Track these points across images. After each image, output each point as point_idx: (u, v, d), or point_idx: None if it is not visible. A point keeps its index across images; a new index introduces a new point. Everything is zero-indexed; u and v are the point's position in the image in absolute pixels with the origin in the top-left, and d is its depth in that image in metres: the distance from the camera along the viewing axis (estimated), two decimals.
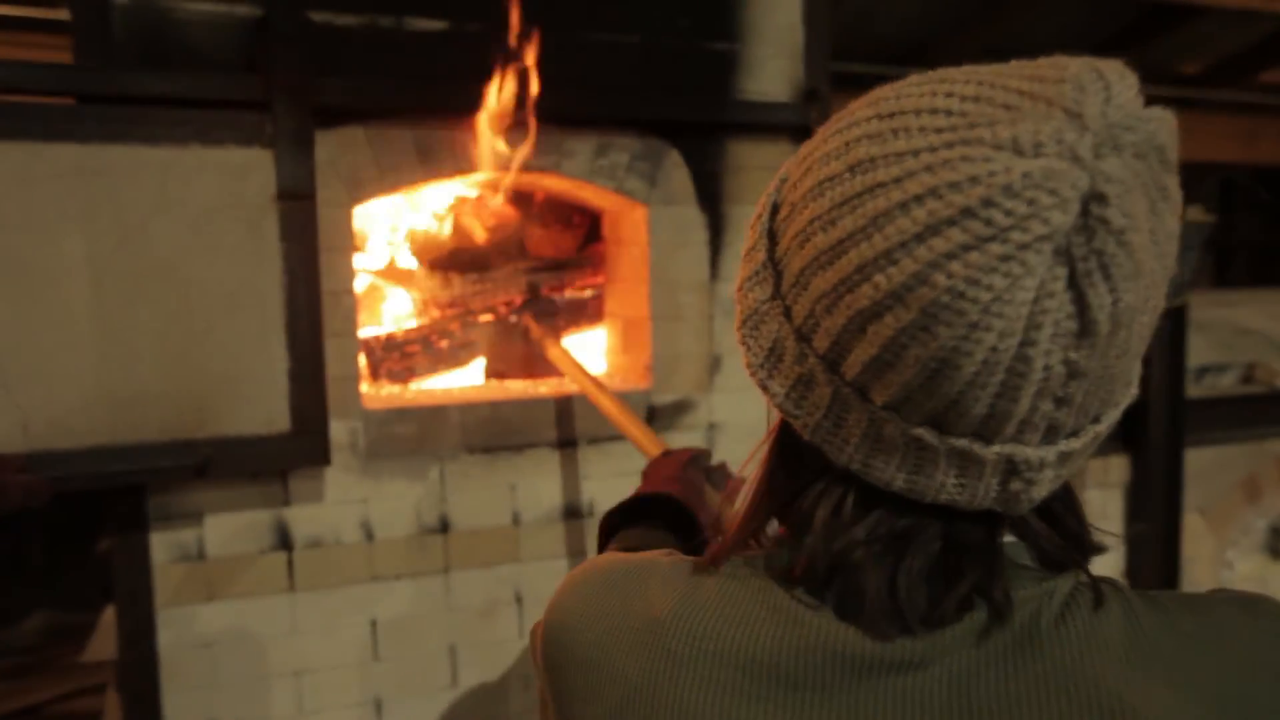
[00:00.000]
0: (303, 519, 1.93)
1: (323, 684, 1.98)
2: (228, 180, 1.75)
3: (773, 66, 2.25)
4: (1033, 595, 0.53)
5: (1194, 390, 3.01)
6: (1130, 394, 0.52)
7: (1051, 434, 0.49)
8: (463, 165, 2.00)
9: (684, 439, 2.24)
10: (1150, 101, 0.46)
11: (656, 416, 2.21)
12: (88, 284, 1.68)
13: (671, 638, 0.56)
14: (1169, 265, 0.48)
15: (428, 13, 1.94)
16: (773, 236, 0.55)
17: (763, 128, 2.23)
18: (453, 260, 2.44)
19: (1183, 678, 0.50)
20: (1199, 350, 3.06)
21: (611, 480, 2.18)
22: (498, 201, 2.40)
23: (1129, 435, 2.82)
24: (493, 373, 2.39)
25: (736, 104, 2.21)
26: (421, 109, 1.94)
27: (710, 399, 2.26)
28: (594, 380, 1.94)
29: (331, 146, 1.88)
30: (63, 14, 1.85)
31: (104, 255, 1.69)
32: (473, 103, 1.93)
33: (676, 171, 2.18)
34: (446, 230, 2.43)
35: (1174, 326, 2.76)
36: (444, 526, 2.05)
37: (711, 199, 2.22)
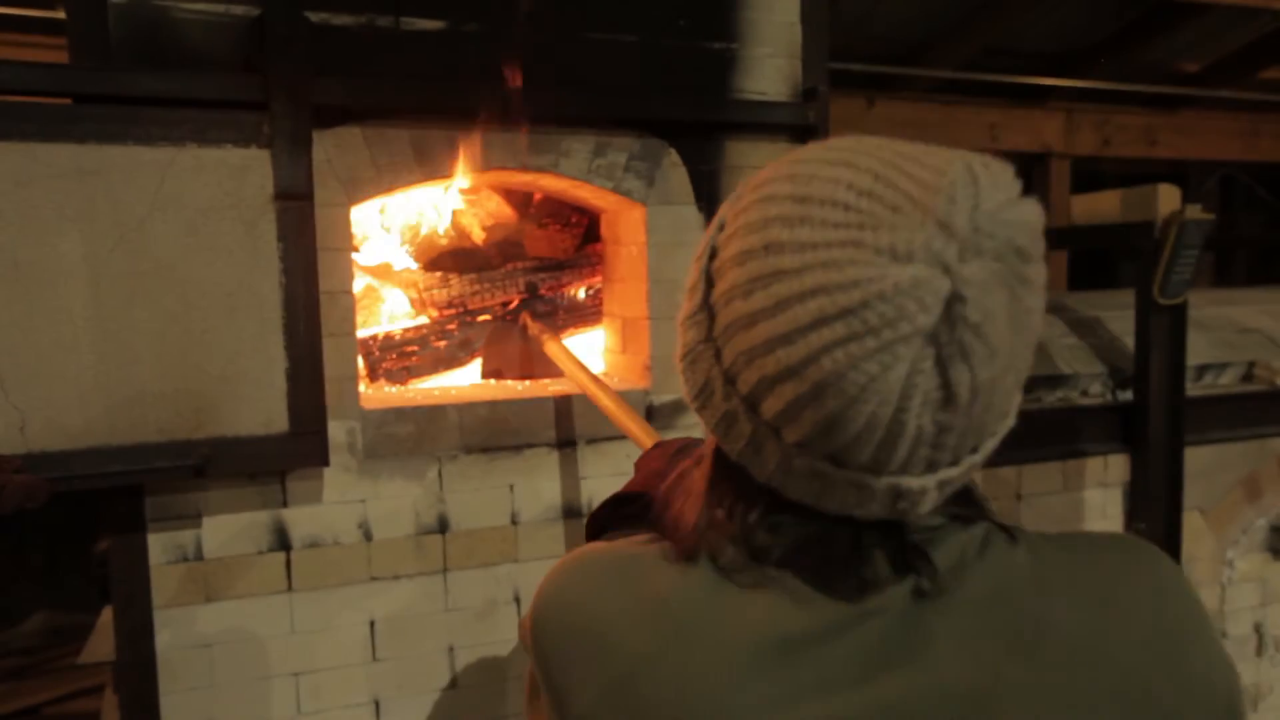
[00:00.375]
0: (301, 519, 1.93)
1: (321, 684, 1.98)
2: (225, 180, 1.76)
3: (771, 66, 2.25)
4: (958, 540, 0.63)
5: (1194, 389, 3.01)
6: (1006, 424, 0.62)
7: (931, 467, 0.58)
8: (460, 165, 1.99)
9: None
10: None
11: (655, 416, 2.21)
12: (85, 284, 1.68)
13: (676, 611, 0.64)
14: (1032, 334, 0.58)
15: (425, 12, 1.94)
16: (710, 280, 0.63)
17: (761, 127, 2.23)
18: (450, 260, 2.44)
19: (1078, 594, 0.63)
20: (1199, 349, 3.05)
21: (610, 480, 2.18)
22: (495, 202, 2.39)
23: (1129, 434, 2.81)
24: (490, 372, 2.38)
25: (734, 103, 2.20)
26: (419, 109, 1.94)
27: None
28: (591, 376, 1.94)
29: (328, 147, 1.88)
30: (62, 14, 1.84)
31: (101, 255, 1.69)
32: (469, 103, 1.93)
33: (674, 171, 2.18)
34: (444, 230, 2.43)
35: (1174, 325, 2.76)
36: (442, 526, 2.05)
37: (710, 199, 2.21)
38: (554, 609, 0.71)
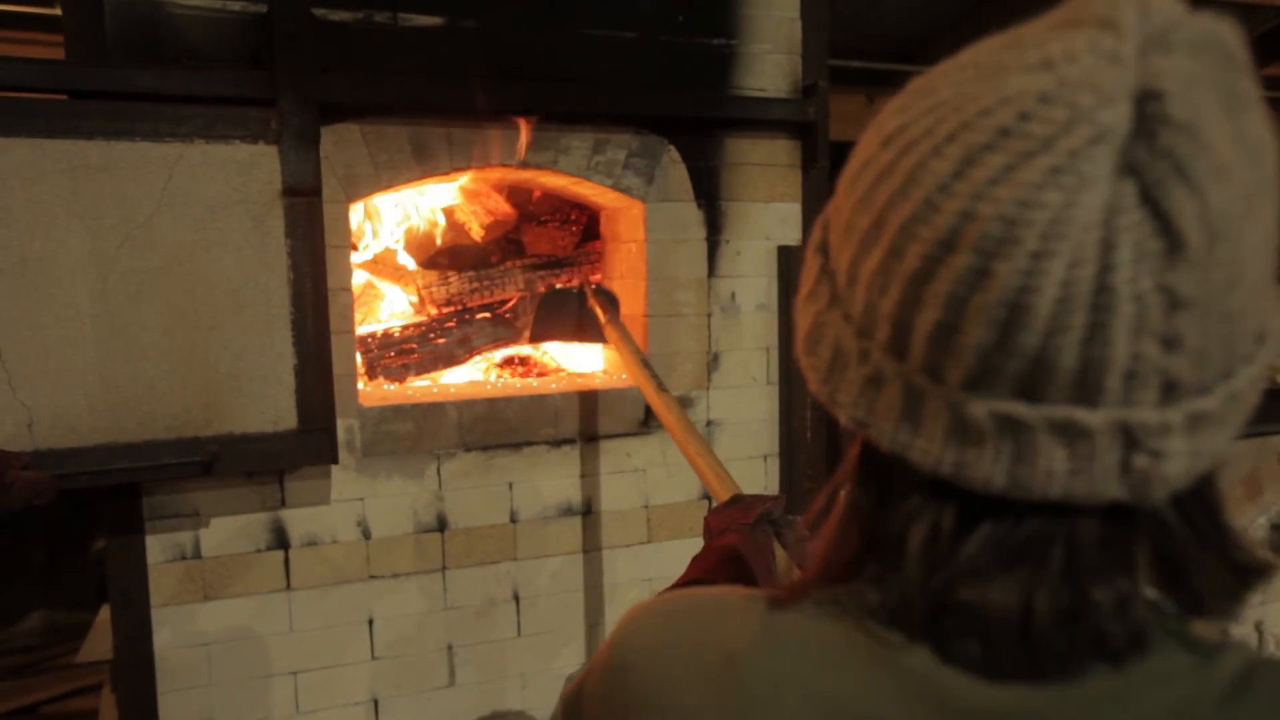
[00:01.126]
0: (299, 518, 1.92)
1: (320, 683, 1.97)
2: (233, 176, 1.75)
3: (770, 62, 2.24)
4: (1185, 664, 0.44)
5: None
6: (1270, 343, 0.42)
7: (1171, 391, 0.39)
8: (459, 162, 1.98)
9: None
10: None
11: (654, 414, 2.20)
12: (92, 280, 1.67)
13: (750, 677, 0.48)
14: (1270, 174, 0.40)
15: (423, 9, 1.93)
16: (825, 250, 0.49)
17: (760, 123, 2.22)
18: (449, 257, 2.43)
19: None
20: None
21: (610, 478, 2.18)
22: (494, 199, 2.39)
23: None
24: (538, 335, 2.25)
25: (734, 100, 2.19)
26: (418, 106, 1.93)
27: (708, 396, 2.25)
28: (651, 377, 1.73)
29: (327, 144, 1.87)
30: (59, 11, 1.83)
31: (109, 251, 1.68)
32: (469, 100, 1.92)
33: (674, 168, 2.17)
34: (442, 227, 2.42)
35: None
36: (441, 525, 2.04)
37: (709, 195, 2.20)
38: (619, 671, 0.55)
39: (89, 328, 1.68)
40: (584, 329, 2.15)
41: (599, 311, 2.03)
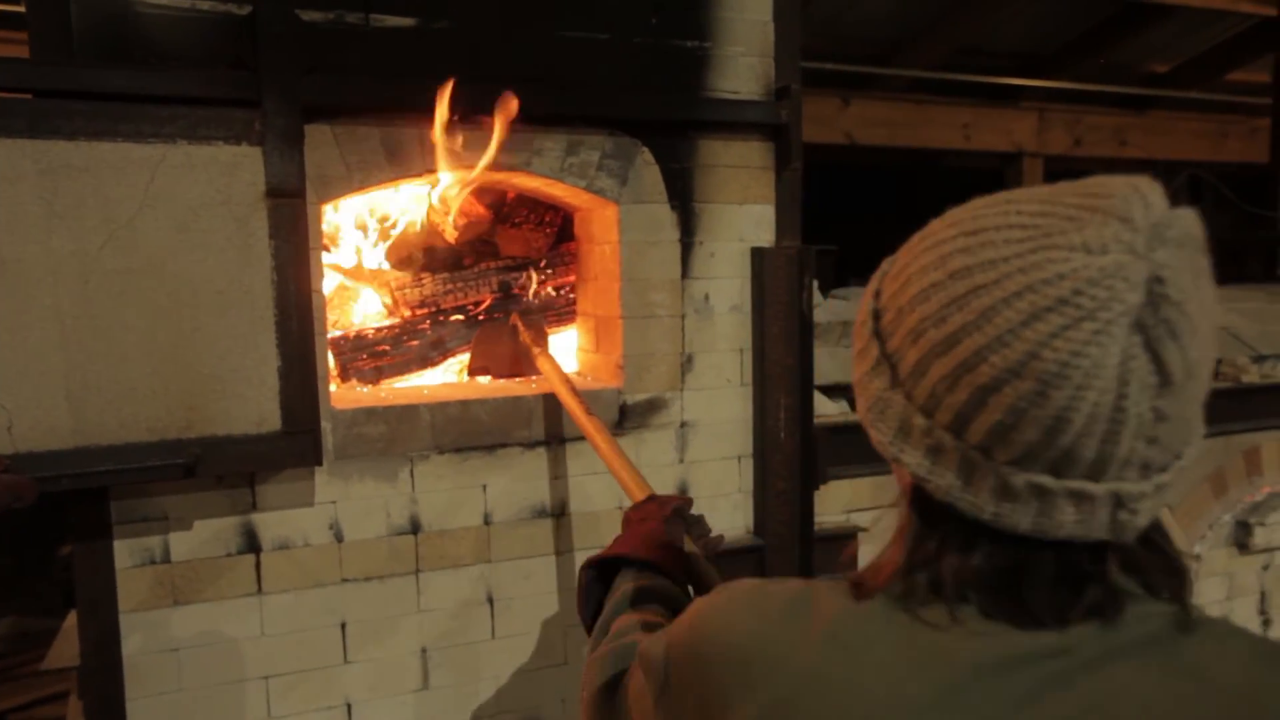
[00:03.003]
0: (271, 521, 1.91)
1: (292, 688, 1.96)
2: (216, 177, 1.74)
3: (743, 64, 2.25)
4: (1150, 612, 0.63)
5: None
6: (1200, 434, 0.63)
7: (1146, 470, 0.59)
8: (431, 164, 1.98)
9: (656, 437, 2.23)
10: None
11: (628, 415, 2.20)
12: (74, 282, 1.66)
13: (843, 631, 0.65)
14: (1214, 324, 0.60)
15: (396, 9, 1.92)
16: (880, 337, 0.66)
17: (734, 125, 2.23)
18: (423, 259, 2.42)
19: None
20: None
21: (583, 479, 2.18)
22: (468, 200, 2.38)
23: None
24: (477, 369, 2.36)
25: (707, 102, 2.20)
26: (390, 107, 1.92)
27: (682, 397, 2.26)
28: (579, 402, 1.89)
29: None
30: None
31: (90, 253, 1.67)
32: (439, 101, 1.92)
33: (647, 169, 2.17)
34: (417, 229, 2.42)
35: None
36: (415, 527, 2.04)
37: (682, 197, 2.21)
38: (697, 643, 0.71)
39: (70, 329, 1.67)
40: (518, 361, 2.31)
41: (530, 344, 2.19)
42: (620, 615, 1.05)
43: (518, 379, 2.33)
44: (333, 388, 2.06)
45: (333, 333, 2.24)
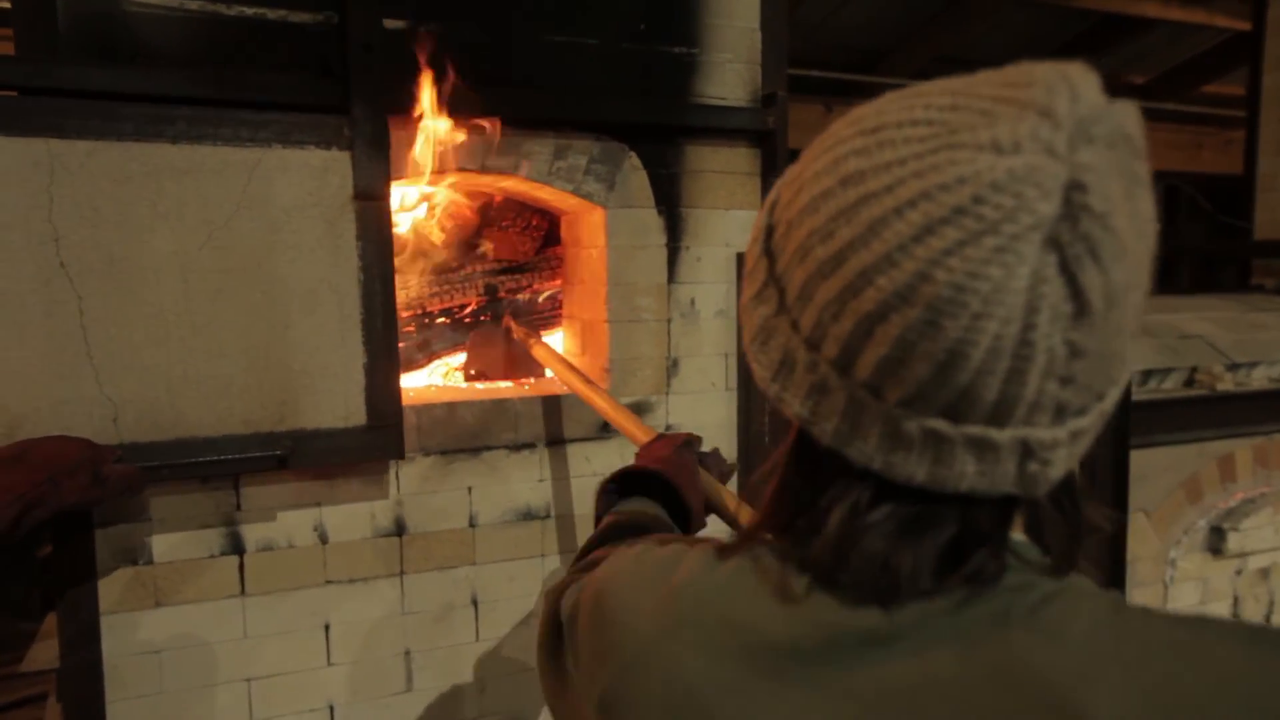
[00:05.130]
0: (255, 523, 1.90)
1: (274, 690, 1.95)
2: (307, 180, 1.80)
3: (730, 71, 2.27)
4: (1018, 584, 0.55)
5: (1139, 393, 3.09)
6: (1127, 371, 0.54)
7: (1060, 414, 0.51)
8: (419, 166, 1.98)
9: None
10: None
11: (586, 400, 2.21)
12: (176, 280, 1.72)
13: (681, 600, 0.60)
14: (1150, 245, 0.50)
15: (389, 11, 1.92)
16: (771, 255, 0.57)
17: (721, 131, 2.25)
18: (409, 262, 2.42)
19: (1147, 684, 0.50)
20: (1144, 355, 3.14)
21: (569, 482, 2.18)
22: (455, 203, 2.38)
23: None
24: (473, 375, 2.37)
25: (694, 108, 2.22)
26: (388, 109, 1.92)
27: (667, 401, 2.27)
28: (580, 374, 1.94)
29: None
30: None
31: (191, 252, 1.73)
32: (423, 102, 1.92)
33: (635, 174, 2.18)
34: (403, 232, 2.41)
35: None
36: (400, 529, 2.03)
37: (669, 202, 2.22)
38: (602, 591, 0.68)
39: (172, 325, 1.72)
40: (513, 362, 2.34)
41: (524, 338, 2.19)
42: (601, 548, 1.03)
43: (511, 382, 2.33)
44: None
45: None
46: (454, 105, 1.93)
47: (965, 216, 0.46)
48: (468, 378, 2.37)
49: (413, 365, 2.37)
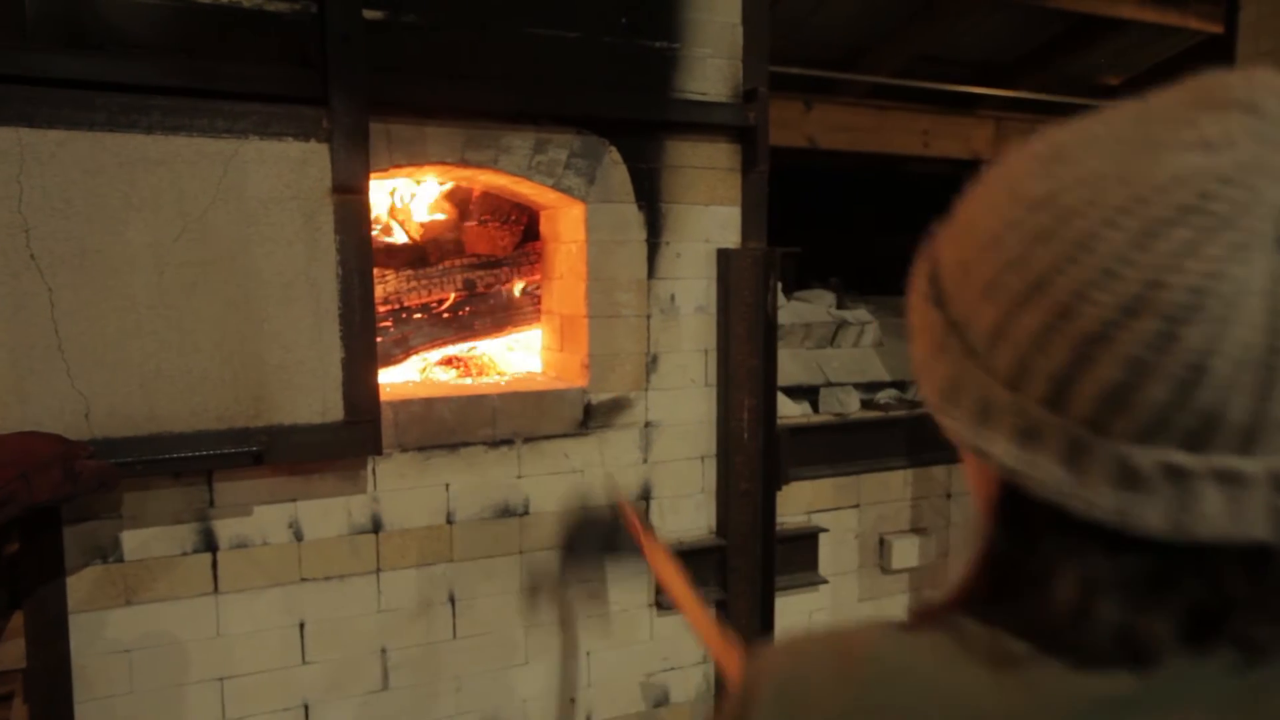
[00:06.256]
0: (228, 519, 1.87)
1: (247, 688, 1.92)
2: (285, 172, 1.78)
3: (711, 66, 2.26)
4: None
5: None
6: None
7: None
8: (398, 159, 1.96)
9: (620, 437, 2.23)
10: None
11: (593, 414, 2.20)
12: (150, 272, 1.70)
13: (876, 674, 0.52)
14: None
15: (369, 3, 1.90)
16: (943, 303, 0.52)
17: (701, 127, 2.24)
18: (386, 256, 2.40)
19: None
20: None
21: (545, 479, 2.17)
22: (433, 197, 2.36)
23: None
24: (569, 568, 2.21)
25: (675, 103, 2.21)
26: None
27: (647, 397, 2.26)
28: (691, 599, 1.59)
29: None
30: None
31: (165, 244, 1.71)
32: (409, 96, 1.90)
33: (615, 169, 2.17)
34: (381, 225, 2.39)
35: None
36: (376, 526, 2.01)
37: (650, 197, 2.21)
38: (762, 680, 0.57)
39: (145, 319, 1.70)
40: (616, 545, 2.14)
41: (638, 526, 1.75)
42: None
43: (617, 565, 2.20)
44: None
45: None
46: (432, 97, 1.91)
47: (1195, 215, 0.42)
48: (563, 574, 2.18)
49: (390, 360, 2.35)
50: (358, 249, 1.84)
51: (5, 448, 1.48)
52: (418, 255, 2.44)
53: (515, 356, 2.52)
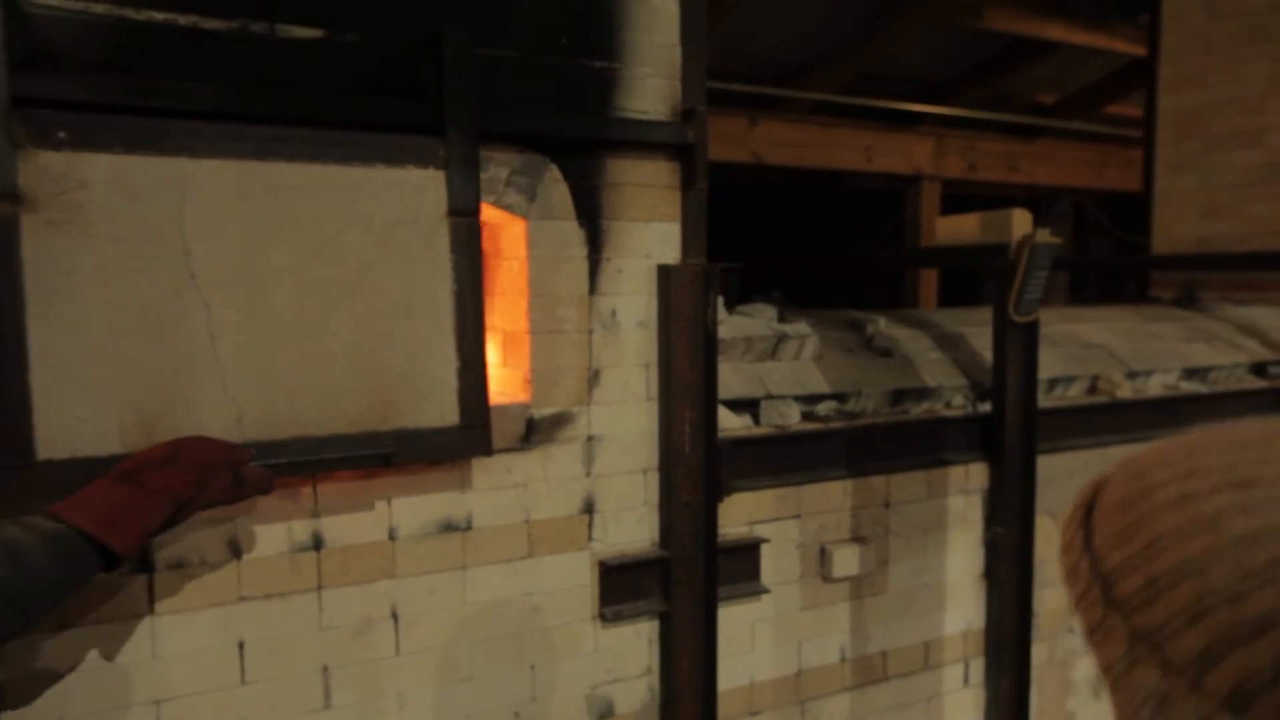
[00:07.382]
0: (163, 538, 1.85)
1: (185, 711, 1.90)
2: (407, 197, 1.92)
3: (651, 86, 2.30)
4: None
5: (1045, 400, 3.22)
6: None
7: None
8: None
9: (563, 451, 2.25)
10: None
11: (535, 429, 2.22)
12: (291, 290, 1.84)
13: None
14: None
15: (303, 19, 1.90)
16: (1123, 609, 0.53)
17: (641, 145, 2.28)
18: None
19: None
20: (1049, 363, 3.28)
21: (490, 494, 2.18)
22: None
23: (988, 443, 3.00)
24: None
25: (615, 121, 2.25)
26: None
27: (589, 412, 2.29)
28: None
29: None
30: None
31: (304, 264, 1.84)
32: (351, 112, 1.91)
33: (556, 186, 2.20)
34: None
35: (1027, 341, 2.95)
36: (316, 543, 2.00)
37: (591, 214, 2.25)
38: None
39: (289, 332, 1.82)
40: None
41: None
42: None
43: None
44: None
45: None
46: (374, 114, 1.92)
47: None
48: None
49: None
50: (470, 267, 2.00)
51: (184, 453, 1.61)
52: None
53: None
